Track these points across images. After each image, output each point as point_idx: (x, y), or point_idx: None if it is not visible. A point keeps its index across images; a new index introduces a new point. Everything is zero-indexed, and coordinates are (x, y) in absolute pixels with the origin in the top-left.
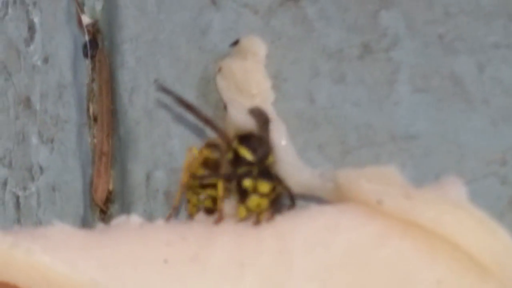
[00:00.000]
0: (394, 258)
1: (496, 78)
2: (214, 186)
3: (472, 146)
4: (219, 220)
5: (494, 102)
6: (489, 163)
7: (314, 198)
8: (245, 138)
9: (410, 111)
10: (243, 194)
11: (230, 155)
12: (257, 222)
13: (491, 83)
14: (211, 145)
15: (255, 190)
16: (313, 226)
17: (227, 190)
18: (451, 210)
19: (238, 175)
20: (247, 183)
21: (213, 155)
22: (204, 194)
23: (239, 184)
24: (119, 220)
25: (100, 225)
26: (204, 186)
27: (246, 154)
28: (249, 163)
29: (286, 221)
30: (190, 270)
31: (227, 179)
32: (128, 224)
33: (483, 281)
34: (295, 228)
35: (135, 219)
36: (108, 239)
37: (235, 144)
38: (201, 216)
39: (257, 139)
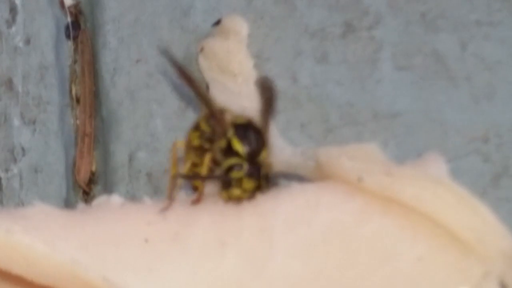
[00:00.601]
0: (375, 235)
1: (478, 55)
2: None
3: (454, 123)
4: (197, 201)
5: (477, 80)
6: (471, 141)
7: (296, 177)
8: (241, 129)
9: (393, 89)
10: (227, 183)
11: (223, 143)
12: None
13: (474, 60)
14: (205, 119)
15: (239, 184)
16: (294, 204)
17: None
18: (432, 187)
19: (228, 168)
20: (235, 175)
21: (201, 140)
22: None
23: (225, 173)
24: (100, 200)
25: (81, 205)
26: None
27: (239, 148)
28: (240, 157)
29: (267, 200)
30: (171, 249)
31: (221, 180)
32: (109, 204)
33: (464, 257)
34: (276, 207)
35: (116, 199)
36: (88, 219)
37: (230, 133)
38: (182, 195)
39: (253, 131)
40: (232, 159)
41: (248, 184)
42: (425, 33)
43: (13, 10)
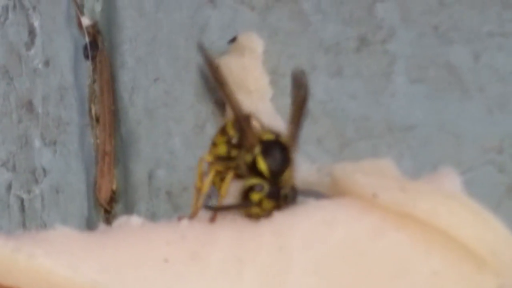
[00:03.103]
0: (390, 251)
1: (492, 66)
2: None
3: (469, 135)
4: (214, 219)
5: (490, 91)
6: (486, 152)
7: (312, 193)
8: (268, 147)
9: (407, 102)
10: (246, 202)
11: (249, 159)
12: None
13: (487, 71)
14: (232, 123)
15: (259, 204)
16: (311, 221)
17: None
18: (446, 202)
19: (249, 188)
20: (255, 197)
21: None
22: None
23: (246, 193)
24: (120, 221)
25: (102, 226)
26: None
27: (263, 168)
28: (263, 177)
29: (284, 217)
30: (190, 268)
31: (244, 207)
32: (129, 225)
33: (479, 271)
34: (293, 224)
35: (135, 219)
36: (109, 241)
37: (256, 150)
38: (201, 214)
39: (280, 150)
40: (254, 179)
41: (268, 204)
42: (438, 46)
43: (31, 32)
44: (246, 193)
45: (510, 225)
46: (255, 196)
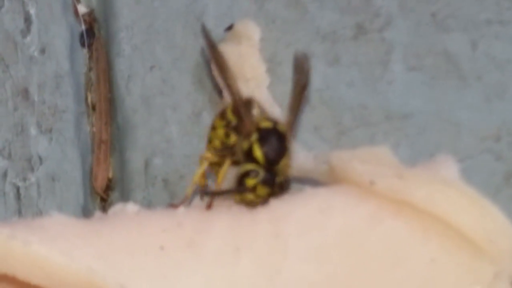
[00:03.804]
0: (388, 238)
1: (489, 54)
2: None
3: (466, 123)
4: (210, 206)
5: (488, 79)
6: (483, 140)
7: (309, 181)
8: (265, 135)
9: (404, 90)
10: (241, 187)
11: (245, 145)
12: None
13: (484, 59)
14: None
15: (254, 190)
16: (307, 209)
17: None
18: (443, 189)
19: (244, 174)
20: (250, 182)
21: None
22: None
23: (241, 178)
24: (116, 209)
25: (97, 214)
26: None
27: (259, 155)
28: (258, 164)
29: (281, 205)
30: (186, 255)
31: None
32: (125, 212)
33: (476, 258)
34: (290, 212)
35: (131, 206)
36: (104, 228)
37: (253, 138)
38: (197, 201)
39: (276, 138)
40: (249, 165)
41: (262, 190)
42: (435, 34)
43: (27, 20)
44: (241, 179)
45: (508, 213)
46: (249, 182)
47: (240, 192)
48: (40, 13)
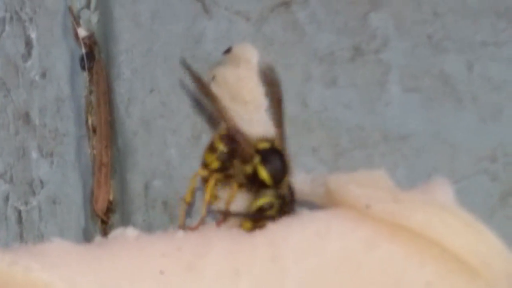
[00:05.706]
0: (384, 262)
1: (485, 75)
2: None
3: (462, 144)
4: (220, 223)
5: (483, 100)
6: (479, 160)
7: (307, 203)
8: (267, 156)
9: (401, 111)
10: (257, 216)
11: (249, 169)
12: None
13: (480, 81)
14: (219, 138)
15: (273, 218)
16: (305, 233)
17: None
18: (438, 213)
19: (261, 208)
20: (271, 213)
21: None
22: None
23: (259, 212)
24: (116, 233)
25: (98, 239)
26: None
27: (265, 177)
28: (266, 186)
29: (279, 228)
30: (186, 279)
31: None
32: (125, 237)
33: (471, 281)
34: (288, 235)
35: (131, 231)
36: (105, 254)
37: (256, 161)
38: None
39: (277, 157)
40: (262, 199)
41: (273, 211)
42: (432, 55)
43: (28, 44)
44: (259, 213)
45: (504, 233)
46: (270, 213)
47: (257, 219)
48: (41, 37)
